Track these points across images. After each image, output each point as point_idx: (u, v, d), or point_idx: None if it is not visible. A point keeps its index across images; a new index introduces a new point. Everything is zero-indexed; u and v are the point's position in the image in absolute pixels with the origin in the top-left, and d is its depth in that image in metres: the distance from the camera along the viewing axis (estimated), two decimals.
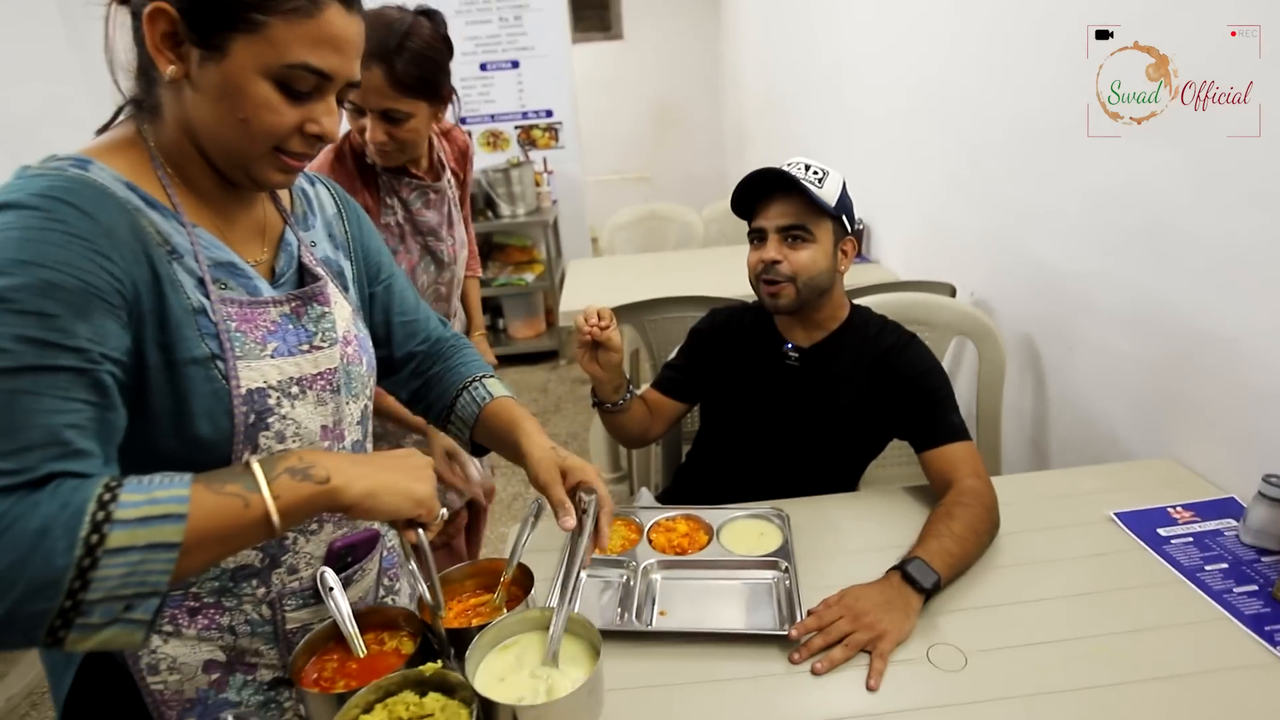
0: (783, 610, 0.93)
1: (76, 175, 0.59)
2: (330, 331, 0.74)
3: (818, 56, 3.12)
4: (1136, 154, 1.28)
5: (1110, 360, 1.41)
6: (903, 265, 2.42)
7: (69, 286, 0.54)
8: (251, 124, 0.62)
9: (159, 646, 0.71)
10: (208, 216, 0.69)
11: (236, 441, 0.66)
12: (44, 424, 0.52)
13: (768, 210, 1.18)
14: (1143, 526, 1.05)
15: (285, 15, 0.60)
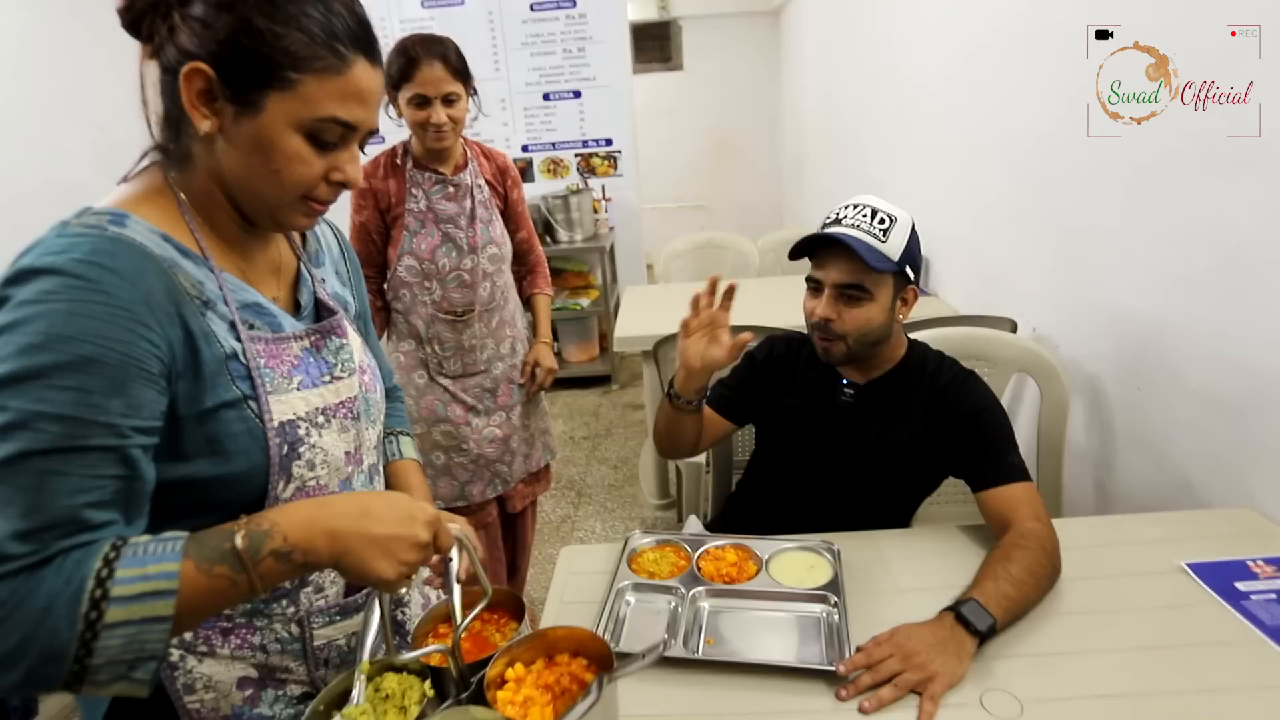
0: (831, 645, 0.92)
1: (116, 235, 0.61)
2: (349, 362, 0.79)
3: (879, 87, 3.11)
4: (1212, 187, 1.24)
5: (1184, 402, 1.35)
6: (962, 299, 2.37)
7: (109, 361, 0.56)
8: (283, 174, 0.66)
9: (194, 666, 0.74)
10: (230, 259, 0.73)
11: (272, 472, 0.69)
12: (66, 504, 0.55)
13: (826, 263, 1.14)
14: (1218, 579, 1.00)
15: (317, 73, 0.63)
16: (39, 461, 0.54)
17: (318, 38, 0.63)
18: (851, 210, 1.14)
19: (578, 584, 1.11)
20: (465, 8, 3.83)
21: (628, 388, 4.02)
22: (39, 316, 0.55)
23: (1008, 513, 1.06)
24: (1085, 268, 1.64)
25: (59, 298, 0.56)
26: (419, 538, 0.64)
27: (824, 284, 1.15)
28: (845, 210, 1.15)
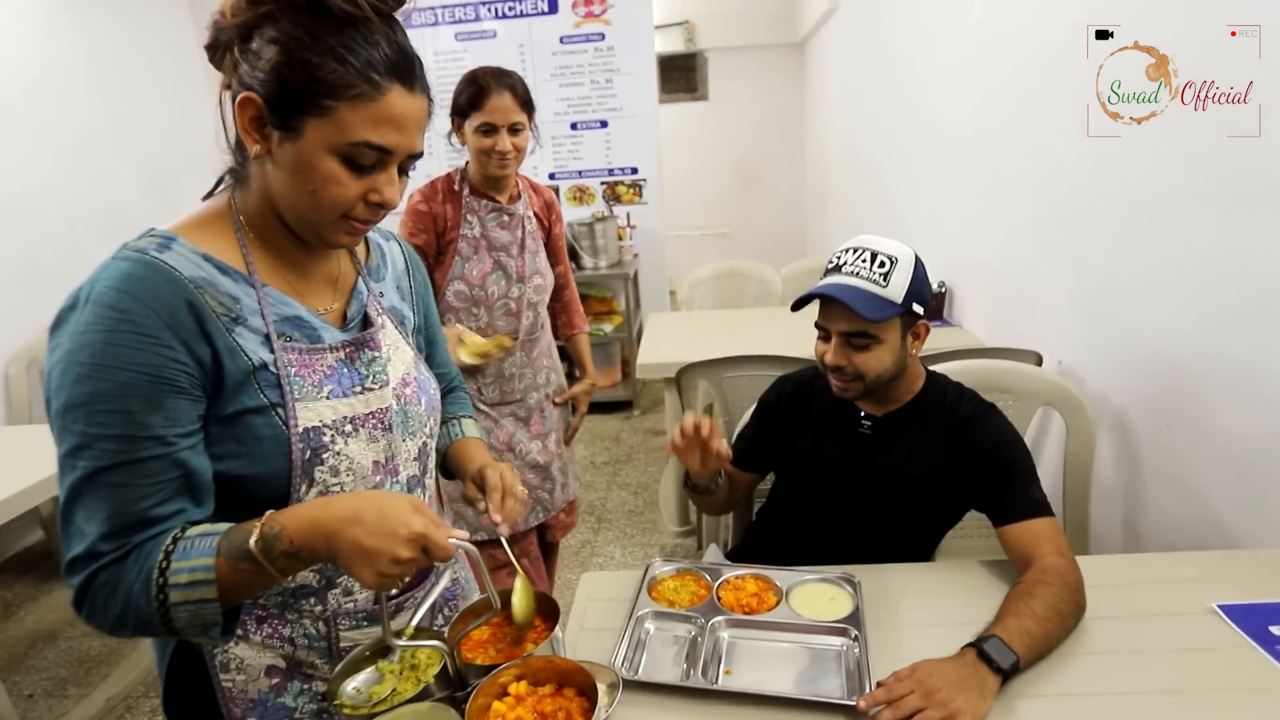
0: (851, 679, 0.92)
1: (152, 260, 0.68)
2: (381, 374, 0.82)
3: (902, 117, 3.14)
4: (1241, 221, 1.23)
5: (1216, 439, 1.33)
6: (986, 330, 2.36)
7: (142, 385, 0.65)
8: (320, 195, 0.70)
9: (231, 647, 0.80)
10: (281, 273, 0.78)
11: (294, 475, 0.74)
12: (135, 509, 0.66)
13: (830, 312, 1.15)
14: (1252, 622, 0.97)
15: (350, 100, 0.67)
16: (107, 476, 0.65)
17: (353, 67, 0.67)
18: (851, 255, 1.14)
19: (598, 610, 1.11)
20: (497, 40, 3.94)
21: (649, 413, 4.03)
22: (85, 347, 0.65)
23: (1030, 548, 1.05)
24: (1112, 300, 1.63)
25: (97, 329, 0.65)
26: (397, 554, 0.66)
27: (831, 332, 1.16)
28: (845, 255, 1.15)
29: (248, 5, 0.68)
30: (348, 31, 0.67)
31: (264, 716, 0.82)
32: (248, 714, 0.82)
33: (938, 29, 2.64)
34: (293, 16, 0.67)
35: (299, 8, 0.67)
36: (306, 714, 0.84)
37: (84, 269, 1.41)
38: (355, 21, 0.67)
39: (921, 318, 1.17)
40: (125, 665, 2.21)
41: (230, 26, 0.69)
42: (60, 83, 3.28)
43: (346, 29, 0.67)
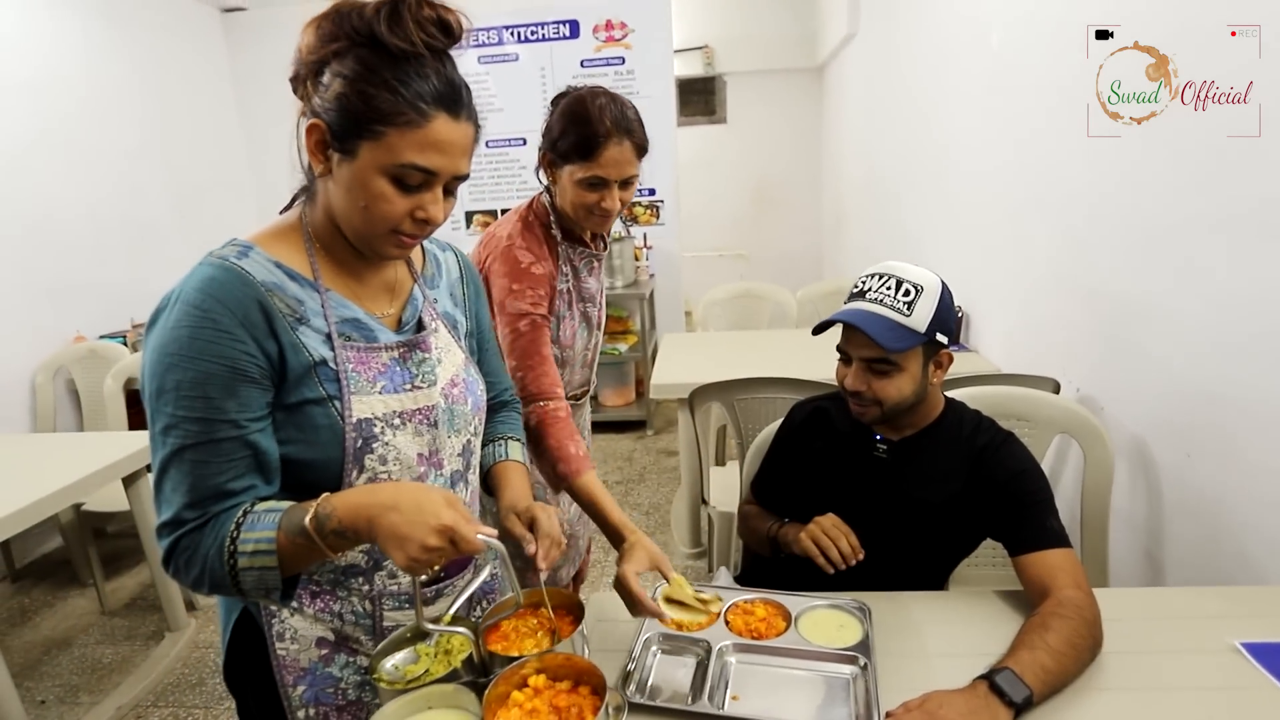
0: (859, 708, 0.90)
1: (232, 266, 0.77)
2: (430, 374, 0.89)
3: (921, 141, 3.15)
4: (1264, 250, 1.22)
5: (1239, 470, 1.30)
6: (1003, 356, 2.34)
7: (220, 374, 0.74)
8: (370, 210, 0.78)
9: (287, 618, 0.88)
10: (343, 280, 0.86)
11: (346, 461, 0.82)
12: (213, 483, 0.76)
13: (852, 339, 1.14)
14: (1275, 661, 0.94)
15: (399, 126, 0.74)
16: (189, 453, 0.75)
17: (403, 97, 0.74)
18: (876, 281, 1.13)
19: (605, 631, 1.11)
20: (519, 63, 4.02)
21: (662, 433, 4.02)
22: (174, 341, 0.74)
23: (1046, 579, 1.03)
24: (1131, 328, 1.62)
25: (184, 325, 0.74)
26: (427, 542, 0.72)
27: (853, 357, 1.15)
28: (870, 281, 1.14)
29: (319, 44, 0.76)
30: (402, 65, 0.75)
31: (313, 684, 0.90)
32: (299, 681, 0.89)
33: (955, 56, 2.65)
34: (356, 54, 0.75)
35: (361, 45, 0.75)
36: (350, 684, 0.91)
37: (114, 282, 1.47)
38: (409, 57, 0.75)
39: (945, 346, 1.15)
40: (137, 674, 2.23)
41: (306, 62, 0.77)
42: (98, 103, 3.39)
43: (401, 64, 0.75)
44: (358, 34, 0.75)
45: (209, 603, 2.62)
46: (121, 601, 2.68)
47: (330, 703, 0.91)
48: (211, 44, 4.17)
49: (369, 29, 0.74)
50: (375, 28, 0.74)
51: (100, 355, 2.96)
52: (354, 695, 0.92)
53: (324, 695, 0.90)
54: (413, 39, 0.74)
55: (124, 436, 2.31)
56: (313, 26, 0.77)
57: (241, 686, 0.94)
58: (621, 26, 3.94)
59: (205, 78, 4.12)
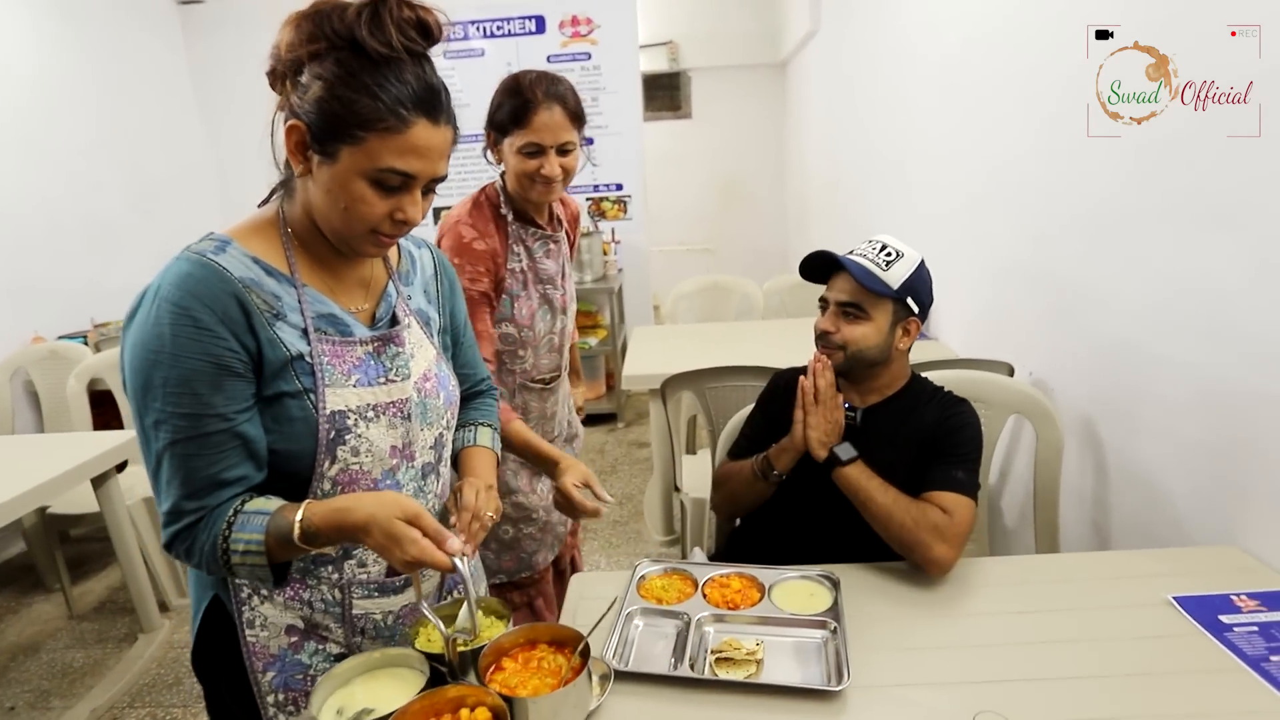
0: (830, 667, 0.97)
1: (209, 262, 0.78)
2: (404, 368, 0.91)
3: (882, 137, 3.24)
4: (1196, 239, 1.31)
5: (1173, 444, 1.40)
6: (962, 344, 2.44)
7: (205, 370, 0.76)
8: (350, 212, 0.79)
9: (257, 606, 0.89)
10: (319, 276, 0.88)
11: (320, 452, 0.84)
12: (206, 474, 0.78)
13: (833, 284, 1.30)
14: (1203, 612, 1.04)
15: (379, 132, 0.75)
16: (181, 447, 0.77)
17: (384, 103, 0.75)
18: (865, 244, 1.28)
19: (588, 608, 1.15)
20: (485, 59, 4.02)
21: (633, 425, 4.07)
22: (156, 338, 0.75)
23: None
24: (1079, 314, 1.71)
25: (165, 323, 0.75)
26: (397, 567, 0.78)
27: (829, 302, 1.28)
28: (861, 245, 1.29)
29: (300, 43, 0.77)
30: (382, 70, 0.76)
31: (282, 670, 0.91)
32: (268, 668, 0.90)
33: (916, 54, 2.74)
34: (336, 56, 0.76)
35: (342, 48, 0.76)
36: (319, 671, 0.92)
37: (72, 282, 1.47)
38: (389, 61, 0.76)
39: (914, 314, 1.26)
40: (110, 676, 2.20)
41: (285, 60, 0.78)
42: (52, 97, 3.30)
43: (381, 68, 0.76)
44: (338, 36, 0.75)
45: (183, 603, 2.60)
46: (89, 605, 2.64)
47: (299, 688, 0.92)
48: (168, 36, 4.08)
49: (350, 32, 0.74)
50: (356, 31, 0.74)
51: (61, 356, 2.89)
52: (318, 680, 0.90)
53: (293, 681, 0.91)
54: (393, 43, 0.75)
55: (91, 436, 2.28)
56: (292, 24, 0.77)
57: (211, 673, 0.95)
58: (588, 22, 3.96)
59: (162, 71, 4.03)
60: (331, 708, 0.81)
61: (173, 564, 2.60)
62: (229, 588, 0.89)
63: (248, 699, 0.91)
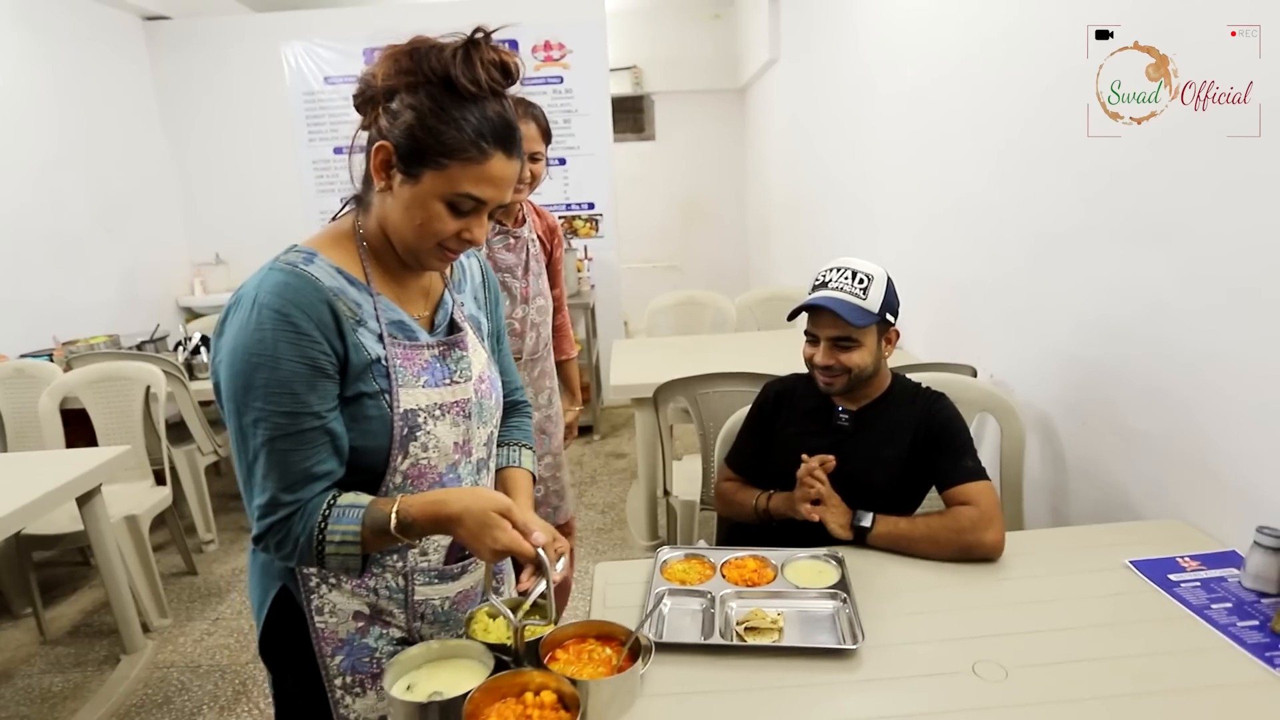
0: (843, 631, 1.09)
1: (302, 272, 0.86)
2: (466, 371, 0.99)
3: (843, 158, 3.46)
4: (1133, 252, 1.51)
5: (1120, 435, 1.59)
6: (925, 350, 2.63)
7: (303, 372, 0.83)
8: (425, 229, 0.87)
9: (326, 594, 0.95)
10: (389, 285, 0.95)
11: (393, 447, 0.91)
12: (302, 468, 0.85)
13: (820, 322, 1.38)
14: (1155, 572, 1.20)
15: (462, 161, 0.84)
16: (280, 444, 0.84)
17: (468, 135, 0.84)
18: (835, 274, 1.37)
19: (616, 593, 1.25)
20: None
21: (609, 437, 4.16)
22: (259, 342, 0.82)
23: (960, 504, 1.29)
24: (1034, 319, 1.91)
25: (266, 328, 0.82)
26: (482, 555, 0.87)
27: (820, 337, 1.38)
28: (830, 274, 1.38)
29: (395, 73, 0.84)
30: (468, 105, 0.84)
31: (350, 654, 0.97)
32: (337, 651, 0.97)
33: (875, 84, 2.96)
34: (428, 89, 0.84)
35: (434, 83, 0.84)
36: (384, 654, 0.99)
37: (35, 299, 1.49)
38: (475, 98, 0.84)
39: (892, 325, 1.40)
40: (95, 699, 2.16)
41: (380, 87, 0.85)
42: (16, 112, 3.25)
43: (467, 104, 0.84)
44: (434, 73, 0.83)
45: (165, 624, 2.56)
46: (62, 629, 2.57)
47: (366, 671, 0.98)
48: (134, 53, 4.03)
49: (445, 70, 0.82)
50: (450, 70, 0.82)
51: (29, 374, 2.83)
52: (387, 664, 0.97)
53: (360, 664, 0.97)
54: (480, 82, 0.83)
55: (70, 454, 2.25)
56: (391, 59, 0.85)
57: (279, 661, 1.00)
58: (560, 47, 4.10)
59: (127, 87, 3.98)
60: (402, 686, 0.87)
61: (155, 585, 2.56)
62: (297, 579, 0.94)
63: (315, 683, 0.97)
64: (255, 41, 4.14)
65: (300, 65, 4.17)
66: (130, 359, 2.82)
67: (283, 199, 4.29)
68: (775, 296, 3.53)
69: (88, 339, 3.29)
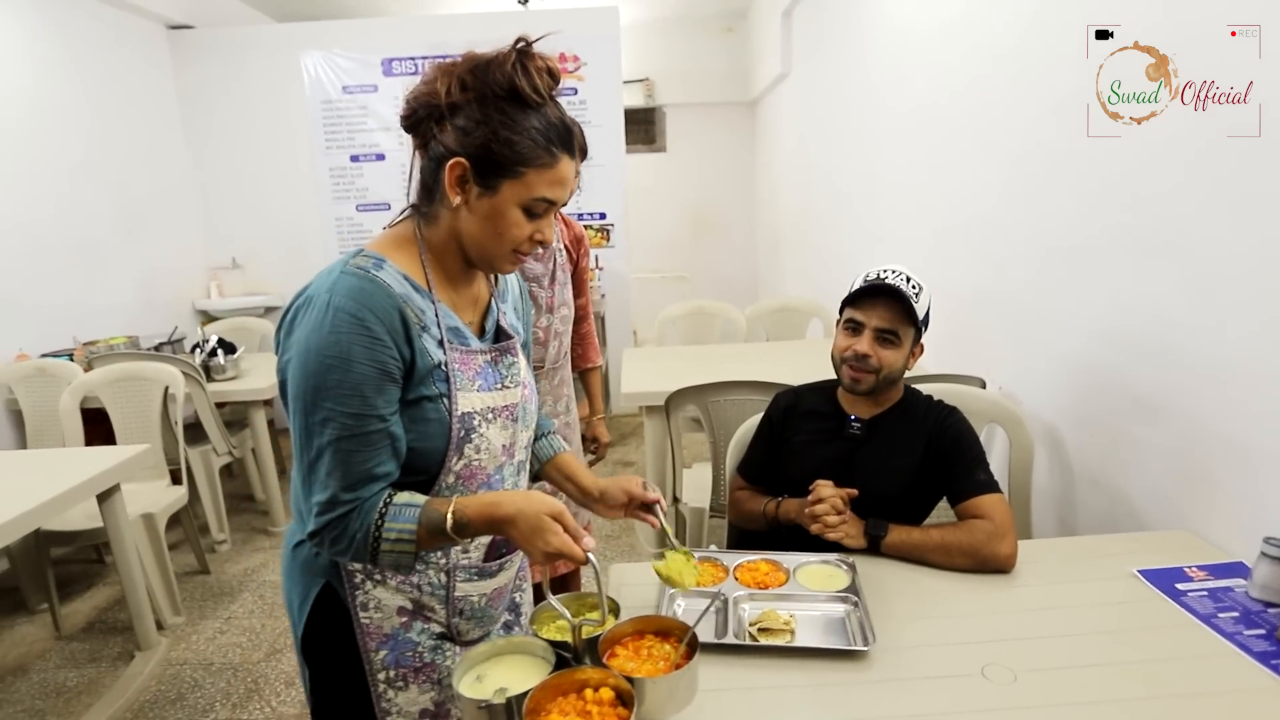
0: (854, 633, 1.11)
1: (374, 278, 0.87)
2: (516, 376, 1.02)
3: (853, 173, 3.49)
4: (1138, 265, 1.53)
5: (1128, 446, 1.61)
6: (934, 362, 2.64)
7: (373, 376, 0.85)
8: (504, 236, 0.91)
9: (371, 590, 0.97)
10: (447, 292, 0.98)
11: (450, 448, 0.94)
12: (364, 468, 0.87)
13: (871, 309, 1.37)
14: (1163, 581, 1.22)
15: (537, 168, 0.88)
16: (345, 444, 0.86)
17: (539, 142, 0.87)
18: (891, 273, 1.39)
19: (630, 593, 1.27)
20: None
21: (617, 446, 4.19)
22: (333, 344, 0.84)
23: (974, 517, 1.30)
24: (1041, 332, 1.93)
25: (341, 330, 0.84)
26: (535, 557, 0.88)
27: (865, 325, 1.38)
28: (885, 272, 1.40)
29: (460, 90, 0.87)
30: (533, 114, 0.87)
31: (394, 648, 1.00)
32: (381, 646, 0.99)
33: (884, 100, 3.00)
34: (495, 104, 0.87)
35: (501, 96, 0.87)
36: (426, 648, 1.01)
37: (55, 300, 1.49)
38: (539, 106, 0.88)
39: (921, 339, 1.43)
40: (109, 695, 2.19)
41: (444, 105, 0.87)
42: (42, 118, 3.32)
43: (532, 112, 0.87)
44: (499, 86, 0.86)
45: (178, 621, 2.59)
46: (77, 626, 2.61)
47: (409, 665, 1.00)
48: (158, 61, 4.11)
49: (509, 83, 0.85)
50: (516, 81, 0.85)
51: (50, 373, 2.88)
52: (429, 658, 1.01)
53: (403, 658, 0.99)
54: (541, 91, 0.87)
55: (90, 452, 2.29)
56: (450, 78, 0.87)
57: (320, 656, 1.01)
58: (574, 59, 4.16)
59: (151, 94, 4.06)
60: (471, 678, 0.89)
61: (169, 583, 2.60)
62: (341, 575, 0.97)
63: (358, 678, 0.99)
64: (275, 51, 4.23)
65: (319, 74, 4.24)
66: (150, 359, 2.86)
67: (299, 206, 4.35)
68: (785, 308, 3.56)
69: (107, 340, 3.35)
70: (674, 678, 0.87)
